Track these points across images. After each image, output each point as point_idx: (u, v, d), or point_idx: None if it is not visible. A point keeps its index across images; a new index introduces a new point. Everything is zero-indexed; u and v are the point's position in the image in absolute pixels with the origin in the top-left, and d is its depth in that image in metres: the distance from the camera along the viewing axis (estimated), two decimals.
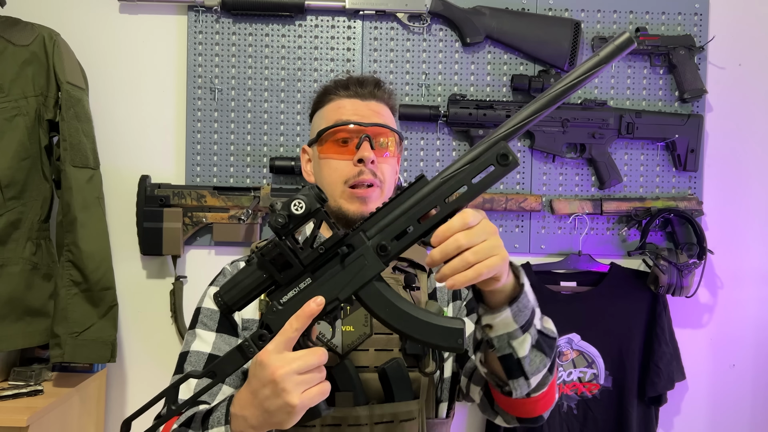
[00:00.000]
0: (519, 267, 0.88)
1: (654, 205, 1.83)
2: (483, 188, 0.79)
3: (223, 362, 0.85)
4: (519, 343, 0.86)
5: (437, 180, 0.81)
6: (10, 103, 1.59)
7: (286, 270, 0.84)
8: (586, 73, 0.78)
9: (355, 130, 1.12)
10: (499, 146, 0.78)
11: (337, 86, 1.18)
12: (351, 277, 0.83)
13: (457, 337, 0.83)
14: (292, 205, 0.81)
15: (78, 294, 1.62)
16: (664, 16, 1.89)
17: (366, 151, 1.09)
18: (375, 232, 0.82)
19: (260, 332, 0.84)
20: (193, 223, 1.76)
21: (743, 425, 1.95)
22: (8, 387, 1.55)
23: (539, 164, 1.87)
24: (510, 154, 0.78)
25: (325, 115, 1.17)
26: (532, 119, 0.79)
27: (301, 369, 0.79)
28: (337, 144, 1.12)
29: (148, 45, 1.82)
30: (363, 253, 0.82)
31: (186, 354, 1.07)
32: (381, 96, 1.17)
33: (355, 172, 1.09)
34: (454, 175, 0.80)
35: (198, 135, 1.81)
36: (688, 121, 1.84)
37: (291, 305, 0.83)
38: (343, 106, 1.15)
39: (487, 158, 0.79)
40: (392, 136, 1.15)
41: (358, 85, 1.16)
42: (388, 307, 0.83)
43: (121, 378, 1.82)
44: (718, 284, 1.94)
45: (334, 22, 1.83)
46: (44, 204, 1.66)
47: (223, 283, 0.87)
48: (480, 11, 1.82)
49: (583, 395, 1.80)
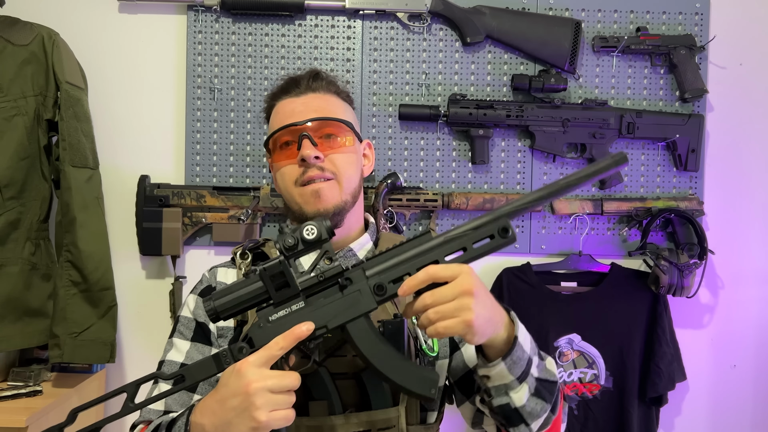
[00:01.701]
0: (514, 318, 0.89)
1: (655, 205, 1.82)
2: (480, 254, 0.86)
3: (195, 368, 0.86)
4: (516, 393, 0.87)
5: (441, 238, 0.86)
6: (9, 103, 1.59)
7: (282, 289, 0.85)
8: (587, 177, 0.85)
9: (292, 131, 1.10)
10: (502, 221, 0.85)
11: (276, 92, 1.17)
12: (344, 309, 0.86)
13: (430, 387, 0.86)
14: (305, 229, 0.84)
15: (77, 294, 1.61)
16: (664, 16, 1.88)
17: (306, 149, 1.07)
18: (374, 273, 0.86)
19: (241, 345, 0.85)
20: (193, 223, 1.76)
21: (744, 426, 1.95)
22: (7, 387, 1.55)
23: (539, 164, 1.87)
24: (510, 229, 0.85)
25: (270, 124, 1.17)
26: (533, 203, 0.86)
27: (275, 388, 0.80)
28: (282, 149, 1.11)
29: (147, 45, 1.82)
30: (360, 289, 0.86)
31: (162, 363, 1.09)
32: (318, 87, 1.15)
33: (300, 172, 1.08)
34: (457, 237, 0.86)
35: (197, 135, 1.81)
36: (689, 120, 1.84)
37: (279, 324, 0.85)
38: (281, 110, 1.14)
39: (489, 229, 0.86)
40: (337, 125, 1.11)
41: (294, 84, 1.14)
42: (371, 345, 0.87)
43: (120, 379, 1.82)
44: (719, 284, 1.94)
45: (334, 21, 1.83)
46: (43, 204, 1.65)
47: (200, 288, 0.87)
48: (480, 11, 1.81)
49: (583, 396, 1.79)
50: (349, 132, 1.14)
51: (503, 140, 1.86)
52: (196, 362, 0.86)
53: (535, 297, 1.79)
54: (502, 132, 1.86)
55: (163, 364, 1.08)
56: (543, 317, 1.77)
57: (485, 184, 1.86)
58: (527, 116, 1.80)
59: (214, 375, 0.86)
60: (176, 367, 1.06)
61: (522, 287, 1.79)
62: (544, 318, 1.77)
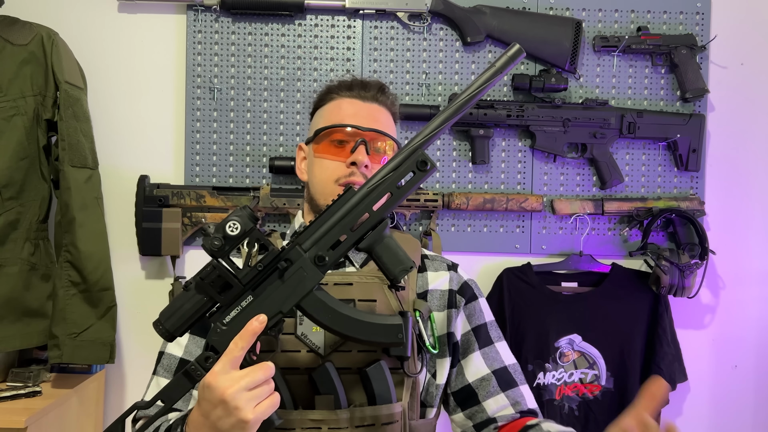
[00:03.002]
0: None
1: (656, 205, 1.82)
2: (406, 193, 0.87)
3: (170, 388, 0.86)
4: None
5: (364, 189, 0.87)
6: (8, 103, 1.58)
7: (226, 291, 0.85)
8: (486, 82, 0.87)
9: (353, 133, 1.11)
10: (418, 154, 0.87)
11: (340, 86, 1.17)
12: (291, 289, 0.86)
13: (397, 332, 0.89)
14: (227, 226, 0.83)
15: (76, 295, 1.61)
16: (665, 15, 1.88)
17: (360, 155, 1.09)
18: (310, 245, 0.87)
19: (206, 354, 0.85)
20: (193, 224, 1.76)
21: (745, 426, 1.94)
22: (6, 388, 1.54)
23: (540, 164, 1.87)
24: (428, 161, 0.87)
25: (324, 114, 1.17)
26: (442, 128, 0.88)
27: (249, 385, 0.81)
28: (333, 144, 1.12)
29: (147, 44, 1.82)
30: (301, 266, 0.86)
31: (162, 354, 1.10)
32: (383, 101, 1.17)
33: (347, 173, 1.09)
34: (380, 184, 0.87)
35: (197, 135, 1.80)
36: (690, 120, 1.84)
37: (235, 324, 0.85)
38: (343, 107, 1.15)
39: (408, 166, 0.87)
40: (389, 143, 1.14)
41: (362, 88, 1.16)
42: (329, 314, 0.87)
43: (119, 379, 1.82)
44: (720, 285, 1.93)
45: (334, 21, 1.82)
46: (42, 204, 1.65)
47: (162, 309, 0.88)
48: (481, 10, 1.81)
49: (584, 396, 1.79)
50: (394, 151, 1.16)
51: (504, 140, 1.86)
52: (170, 383, 0.86)
53: (536, 297, 1.78)
54: (503, 132, 1.85)
55: (162, 356, 1.09)
56: (544, 318, 1.77)
57: (486, 184, 1.86)
58: (528, 116, 1.80)
59: (190, 390, 0.86)
60: (175, 361, 1.08)
61: (522, 287, 1.79)
62: (544, 318, 1.77)
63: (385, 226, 0.88)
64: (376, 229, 0.88)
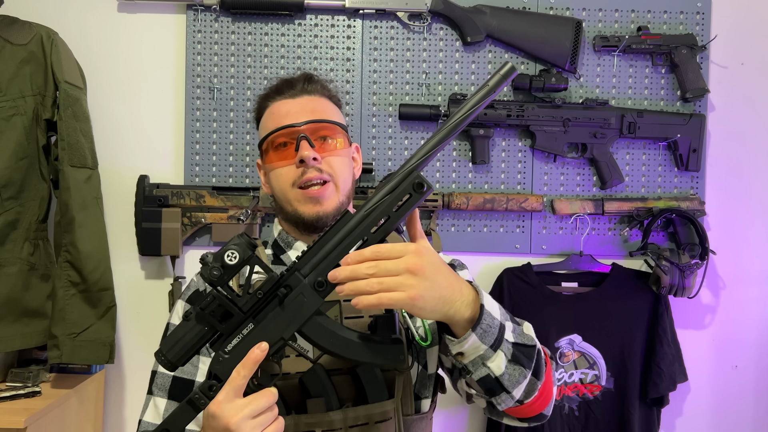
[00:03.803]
0: (477, 288, 0.88)
1: (656, 205, 1.82)
2: (403, 215, 0.85)
3: (175, 417, 0.86)
4: (493, 362, 0.87)
5: (361, 213, 0.85)
6: (7, 103, 1.58)
7: (227, 319, 0.85)
8: (480, 102, 0.85)
9: (289, 132, 1.10)
10: (413, 176, 0.85)
11: (269, 93, 1.17)
12: (292, 316, 0.85)
13: (398, 354, 0.88)
14: (225, 256, 0.83)
15: (76, 295, 1.61)
16: (666, 15, 1.88)
17: (305, 150, 1.07)
18: (309, 270, 0.85)
19: (209, 383, 0.85)
20: (192, 224, 1.76)
21: (746, 427, 1.94)
22: (6, 388, 1.54)
23: (540, 164, 1.86)
24: (424, 182, 0.85)
25: (263, 125, 1.16)
26: (436, 149, 0.86)
27: (253, 413, 0.81)
28: (278, 151, 1.11)
29: (146, 44, 1.81)
30: (301, 291, 0.85)
31: (155, 374, 1.08)
32: (313, 90, 1.15)
33: (299, 173, 1.08)
34: (376, 207, 0.85)
35: (197, 135, 1.80)
36: (690, 120, 1.83)
37: (237, 352, 0.84)
38: (276, 111, 1.13)
39: (404, 188, 0.85)
40: (333, 127, 1.12)
41: (288, 86, 1.15)
42: (330, 338, 0.87)
43: (119, 379, 1.81)
44: (721, 285, 1.93)
45: (334, 21, 1.82)
46: (42, 204, 1.65)
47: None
48: (481, 10, 1.81)
49: (584, 397, 1.78)
50: (342, 134, 1.15)
51: (504, 140, 1.86)
52: (174, 412, 0.86)
53: (536, 297, 1.78)
54: (503, 132, 1.85)
55: (155, 376, 1.08)
56: (544, 318, 1.77)
57: (486, 184, 1.86)
58: (528, 116, 1.80)
59: (194, 417, 0.86)
60: (168, 379, 1.07)
61: (523, 288, 1.78)
62: (544, 318, 1.77)
63: None
64: None
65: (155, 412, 1.06)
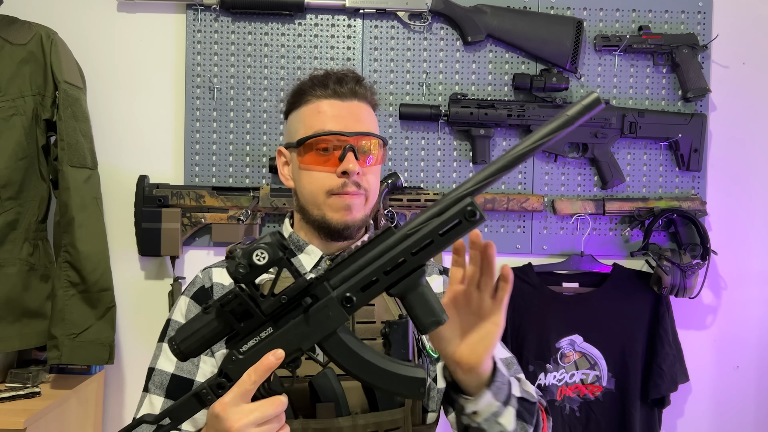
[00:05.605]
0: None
1: (657, 205, 1.81)
2: (449, 242, 0.77)
3: (179, 408, 0.83)
4: (505, 418, 0.87)
5: (403, 231, 0.78)
6: (7, 103, 1.58)
7: (246, 319, 0.81)
8: (553, 132, 0.75)
9: (337, 139, 1.06)
10: (466, 202, 0.76)
11: (314, 84, 1.10)
12: (314, 327, 0.81)
13: (419, 386, 0.83)
14: (254, 255, 0.77)
15: (75, 295, 1.61)
16: (667, 15, 1.87)
17: (350, 163, 1.04)
18: (339, 282, 0.80)
19: (219, 381, 0.82)
20: (192, 224, 1.75)
21: (747, 427, 1.94)
22: (5, 389, 1.54)
23: (541, 164, 1.86)
24: (478, 211, 0.76)
25: (303, 118, 1.10)
26: (497, 177, 0.77)
27: (258, 420, 0.78)
28: (319, 154, 1.06)
29: (146, 44, 1.81)
30: (327, 304, 0.80)
31: (152, 371, 1.06)
32: (362, 94, 1.10)
33: (339, 184, 1.05)
34: (420, 229, 0.78)
35: (197, 135, 1.80)
36: (692, 120, 1.83)
37: (251, 355, 0.81)
38: (323, 110, 1.08)
39: (453, 213, 0.77)
40: (376, 141, 1.09)
41: (337, 83, 1.09)
42: (351, 357, 0.82)
43: (118, 380, 1.81)
44: (722, 285, 1.93)
45: (334, 20, 1.82)
46: (41, 204, 1.64)
47: (177, 328, 0.84)
48: (481, 10, 1.80)
49: (585, 397, 1.78)
50: (383, 150, 1.12)
51: (504, 140, 1.85)
52: (179, 402, 0.84)
53: (537, 298, 1.78)
54: (504, 132, 1.85)
55: (152, 373, 1.05)
56: (544, 318, 1.76)
57: None
58: (529, 116, 1.79)
59: (198, 411, 0.84)
60: (166, 377, 1.04)
61: (523, 288, 1.78)
62: (545, 319, 1.76)
63: (421, 274, 0.80)
64: (411, 275, 0.79)
65: (150, 410, 1.03)
